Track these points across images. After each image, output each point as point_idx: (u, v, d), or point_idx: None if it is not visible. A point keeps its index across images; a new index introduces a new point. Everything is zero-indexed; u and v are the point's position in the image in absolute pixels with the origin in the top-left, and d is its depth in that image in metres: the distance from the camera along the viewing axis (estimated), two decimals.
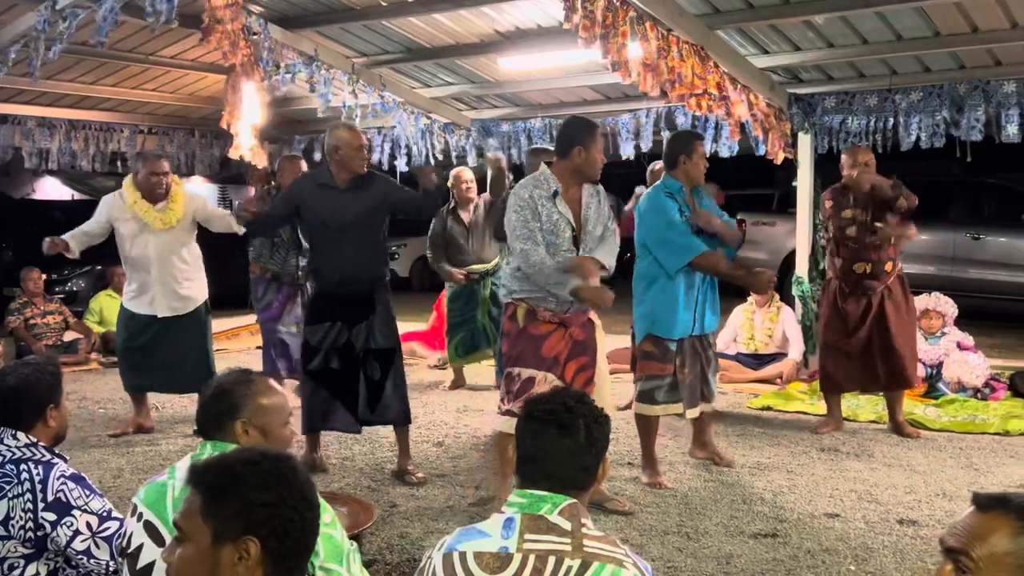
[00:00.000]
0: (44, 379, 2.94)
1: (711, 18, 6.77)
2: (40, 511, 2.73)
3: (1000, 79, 7.29)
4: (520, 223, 4.38)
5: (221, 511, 1.72)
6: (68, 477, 2.81)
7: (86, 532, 2.76)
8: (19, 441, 2.86)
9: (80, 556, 2.76)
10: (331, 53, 8.35)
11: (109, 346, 9.24)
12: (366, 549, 3.96)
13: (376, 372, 5.16)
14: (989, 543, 1.61)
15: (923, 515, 4.59)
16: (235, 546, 1.71)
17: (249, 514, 1.72)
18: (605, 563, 1.93)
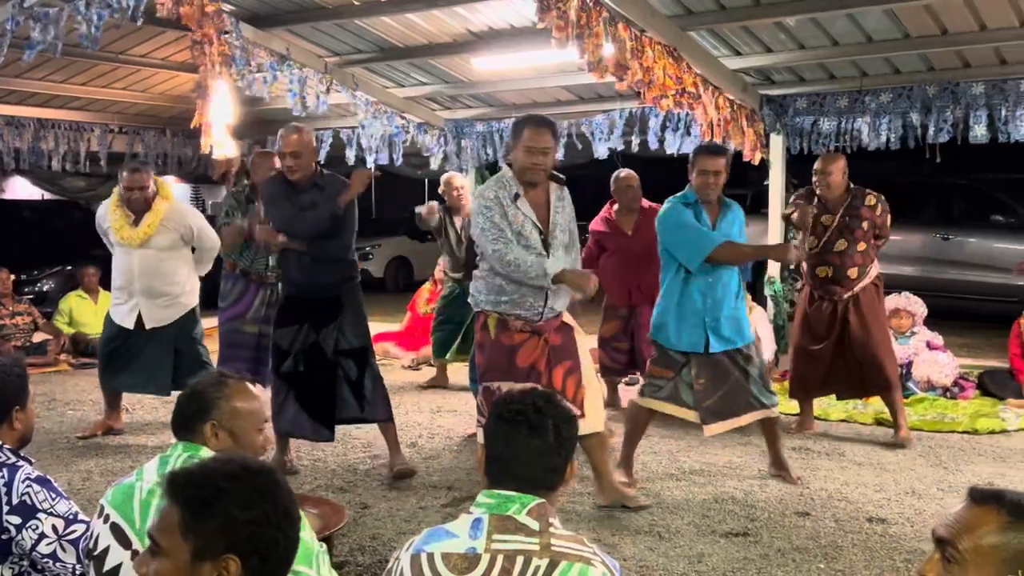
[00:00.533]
0: (10, 380, 2.91)
1: (684, 19, 6.80)
2: (5, 514, 2.70)
3: (969, 80, 7.37)
4: (489, 224, 4.33)
5: (202, 528, 1.64)
6: (34, 480, 2.78)
7: (52, 535, 2.73)
8: None
9: (46, 559, 2.73)
10: (303, 52, 8.31)
11: (79, 347, 9.18)
12: (337, 551, 3.95)
13: (353, 372, 5.14)
14: (976, 535, 1.62)
15: (892, 513, 4.64)
16: (215, 564, 1.64)
17: (232, 532, 1.65)
18: (573, 562, 1.93)
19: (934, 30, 6.83)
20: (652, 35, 6.23)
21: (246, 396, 2.57)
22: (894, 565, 3.96)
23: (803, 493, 4.96)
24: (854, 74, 7.82)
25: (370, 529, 4.38)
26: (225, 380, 2.58)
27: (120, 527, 2.30)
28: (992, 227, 10.69)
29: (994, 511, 1.64)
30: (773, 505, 4.76)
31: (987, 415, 6.64)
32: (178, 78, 9.66)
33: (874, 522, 4.50)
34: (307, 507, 2.54)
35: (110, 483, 4.73)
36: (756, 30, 7.14)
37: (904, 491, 5.01)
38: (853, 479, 5.24)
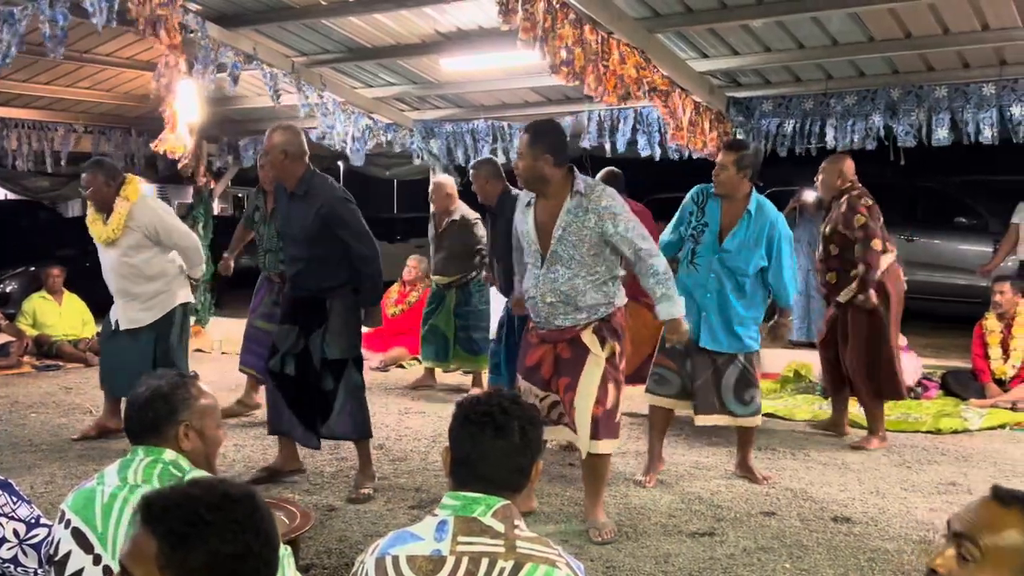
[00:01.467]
0: None
1: (651, 21, 6.83)
2: None
3: (932, 84, 7.46)
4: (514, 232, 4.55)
5: (183, 563, 1.55)
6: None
7: (13, 539, 2.70)
8: None
9: (7, 564, 2.70)
10: (270, 52, 8.27)
11: (42, 349, 9.07)
12: (303, 554, 3.93)
13: (328, 384, 4.97)
14: (1000, 535, 1.63)
15: (856, 512, 4.68)
16: None
17: (214, 567, 1.55)
18: (538, 564, 1.94)
19: (898, 34, 6.90)
20: (619, 37, 6.25)
21: (206, 394, 2.55)
22: (858, 564, 4.00)
23: (768, 493, 5.00)
24: (819, 77, 7.89)
25: (337, 531, 4.36)
26: (186, 379, 2.56)
27: (82, 532, 2.28)
28: (955, 229, 10.82)
29: (1018, 513, 1.65)
30: (739, 505, 4.79)
31: (950, 415, 6.72)
32: (143, 77, 9.55)
33: (839, 521, 4.54)
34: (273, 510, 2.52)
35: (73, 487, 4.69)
36: (723, 33, 7.19)
37: (868, 491, 5.06)
38: (818, 479, 5.28)
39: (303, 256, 5.01)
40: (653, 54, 6.64)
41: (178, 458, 2.41)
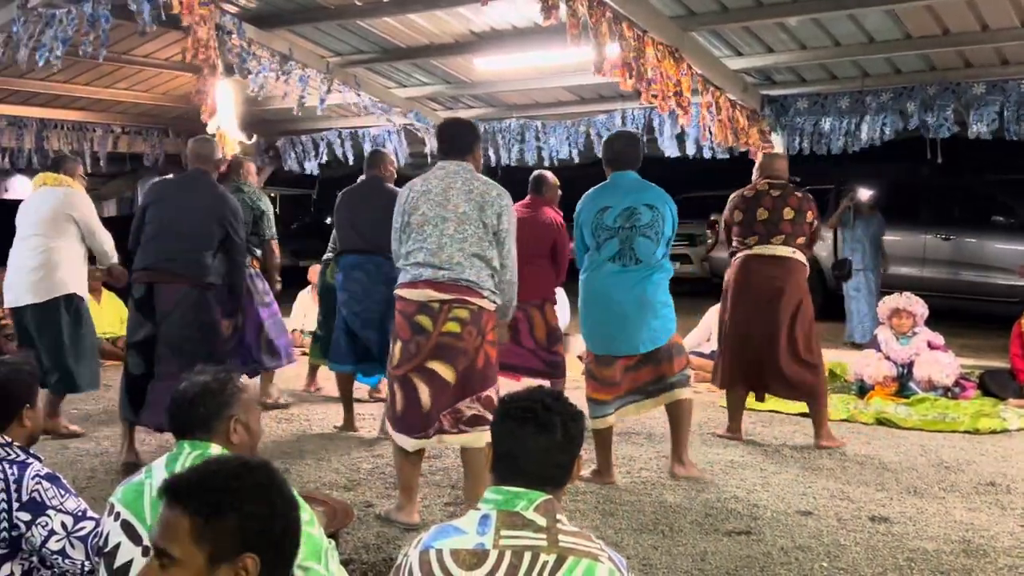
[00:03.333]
0: (21, 378, 2.94)
1: (686, 20, 6.82)
2: (15, 511, 2.72)
3: (970, 80, 7.39)
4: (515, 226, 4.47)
5: (216, 532, 1.65)
6: (43, 477, 2.80)
7: (61, 532, 2.75)
8: None
9: (55, 556, 2.75)
10: (305, 52, 8.33)
11: None
12: (342, 549, 3.96)
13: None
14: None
15: (895, 512, 4.65)
16: (231, 565, 1.65)
17: (245, 531, 1.66)
18: (580, 558, 1.95)
19: (935, 30, 6.85)
20: (654, 35, 6.25)
21: (248, 388, 2.61)
22: (897, 564, 3.97)
23: (805, 492, 4.98)
24: (855, 74, 7.83)
25: (374, 527, 4.39)
26: (232, 375, 2.60)
27: (131, 524, 2.32)
28: (993, 228, 10.71)
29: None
30: (775, 504, 4.78)
31: (988, 415, 6.66)
32: (181, 78, 9.68)
33: (877, 521, 4.52)
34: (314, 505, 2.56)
35: (114, 481, 4.75)
36: (758, 30, 7.16)
37: (906, 490, 5.03)
38: (855, 478, 5.25)
39: None
40: (687, 52, 6.62)
41: (224, 452, 2.45)
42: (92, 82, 9.46)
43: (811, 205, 6.05)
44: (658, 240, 5.04)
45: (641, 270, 5.03)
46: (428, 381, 4.28)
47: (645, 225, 5.03)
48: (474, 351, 4.30)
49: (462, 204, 4.29)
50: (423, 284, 4.30)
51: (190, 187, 5.53)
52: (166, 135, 11.04)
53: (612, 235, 5.07)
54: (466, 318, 4.26)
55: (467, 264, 4.26)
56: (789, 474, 5.32)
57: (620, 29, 5.85)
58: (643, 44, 6.12)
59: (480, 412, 4.31)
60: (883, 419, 6.62)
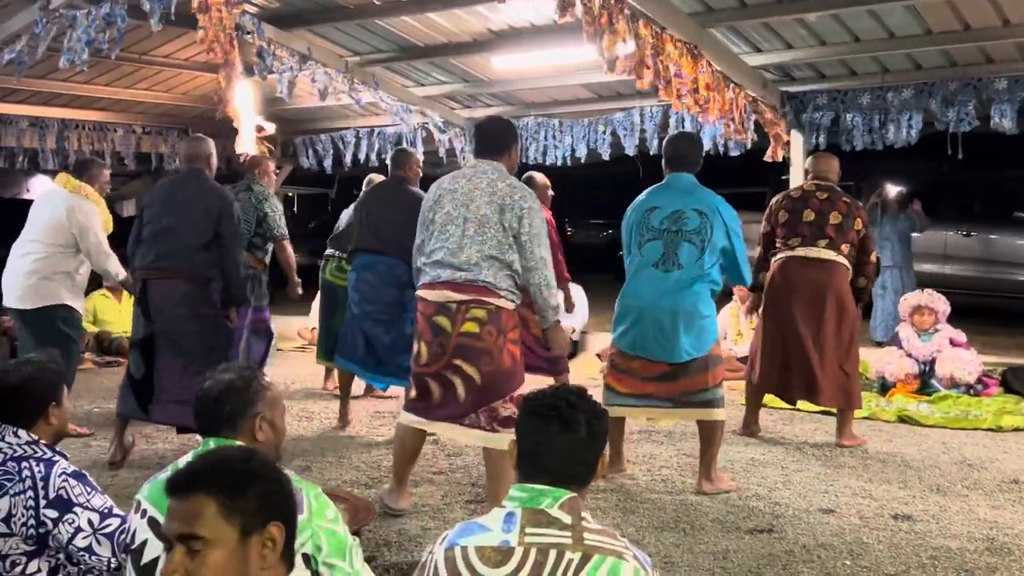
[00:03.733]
0: (46, 377, 2.96)
1: (704, 16, 6.80)
2: (42, 508, 2.74)
3: (991, 76, 7.34)
4: (545, 228, 4.37)
5: (243, 505, 1.74)
6: (69, 474, 2.82)
7: (87, 529, 2.77)
8: (20, 439, 2.87)
9: (82, 553, 2.77)
10: (324, 52, 8.35)
11: (103, 345, 9.25)
12: (364, 546, 3.97)
13: None
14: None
15: (917, 510, 4.63)
16: (260, 536, 1.74)
17: (267, 501, 1.77)
18: (606, 556, 1.95)
19: (956, 26, 6.80)
20: (672, 32, 6.23)
21: (274, 385, 2.62)
22: (920, 562, 3.95)
23: (827, 490, 4.96)
24: (876, 70, 7.79)
25: (395, 525, 4.40)
26: (256, 371, 2.61)
27: (158, 521, 2.33)
28: (1015, 223, 10.63)
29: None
30: (797, 502, 4.76)
31: (1011, 412, 6.62)
32: (200, 78, 9.72)
33: (899, 519, 4.49)
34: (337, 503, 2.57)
35: (138, 479, 4.78)
36: (777, 26, 7.13)
37: (929, 488, 5.00)
38: (877, 476, 5.23)
39: None
40: (706, 49, 6.60)
41: None
42: (112, 83, 9.52)
43: (860, 212, 5.95)
44: (703, 247, 4.86)
45: (682, 276, 4.86)
46: (460, 376, 4.29)
47: (691, 231, 4.88)
48: (497, 351, 4.27)
49: (484, 206, 4.27)
50: (441, 285, 4.30)
51: (183, 185, 5.57)
52: (186, 135, 11.06)
53: (656, 237, 4.95)
54: (483, 318, 4.25)
55: (485, 265, 4.25)
56: (811, 472, 5.31)
57: (636, 27, 5.83)
58: (661, 41, 6.11)
59: (513, 412, 4.26)
60: (905, 417, 6.59)
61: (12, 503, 2.74)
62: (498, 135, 4.52)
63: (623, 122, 9.00)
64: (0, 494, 2.75)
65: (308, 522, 2.34)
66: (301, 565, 2.31)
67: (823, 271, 5.86)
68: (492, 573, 1.97)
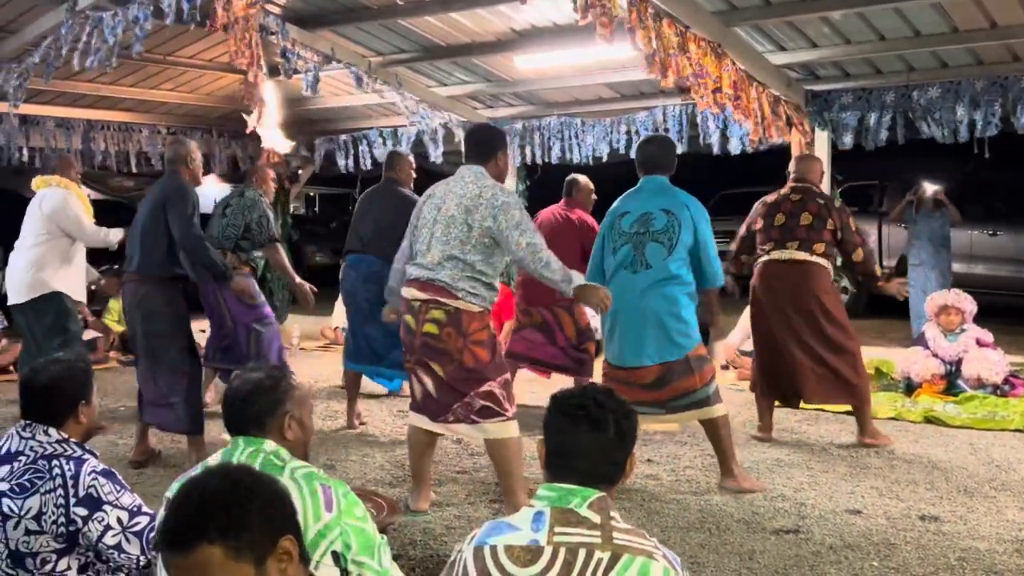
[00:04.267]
0: (76, 376, 2.98)
1: (728, 15, 6.76)
2: (72, 506, 2.75)
3: (1018, 74, 7.26)
4: (526, 217, 4.35)
5: (252, 537, 1.65)
6: (99, 473, 2.83)
7: (117, 527, 2.78)
8: (51, 437, 2.88)
9: (111, 551, 2.78)
10: (348, 52, 8.37)
11: (127, 345, 9.30)
12: (390, 544, 3.97)
13: None
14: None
15: (945, 511, 4.59)
16: (275, 556, 1.68)
17: (270, 520, 1.69)
18: (635, 555, 1.94)
19: (983, 24, 6.73)
20: (696, 31, 6.20)
21: (301, 385, 2.62)
22: (948, 563, 3.91)
23: (853, 491, 4.92)
24: (901, 68, 7.73)
25: (420, 524, 4.40)
26: (284, 371, 2.62)
27: None
28: None
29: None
30: (823, 503, 4.73)
31: None
32: (224, 79, 9.76)
33: (927, 520, 4.46)
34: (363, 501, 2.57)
35: (164, 477, 4.81)
36: (801, 25, 7.08)
37: (956, 489, 4.96)
38: (903, 477, 5.19)
39: None
40: (730, 48, 6.57)
41: (278, 449, 2.47)
42: (138, 83, 9.57)
43: (834, 213, 5.85)
44: (670, 246, 4.83)
45: (651, 276, 4.83)
46: (429, 374, 4.41)
47: (659, 231, 4.87)
48: (457, 352, 4.30)
49: (452, 207, 4.35)
50: (410, 283, 4.43)
51: (155, 188, 5.71)
52: (210, 135, 11.14)
53: (626, 241, 4.95)
54: (442, 319, 4.31)
55: (447, 265, 4.30)
56: (836, 473, 5.27)
57: (660, 26, 5.80)
58: (685, 40, 6.08)
59: (486, 405, 4.34)
60: (931, 417, 6.54)
61: (42, 501, 2.76)
62: (484, 141, 4.58)
63: (645, 122, 8.96)
64: (31, 492, 2.77)
65: (337, 520, 2.34)
66: (330, 563, 2.32)
67: (798, 272, 5.79)
68: (521, 572, 1.96)
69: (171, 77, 9.61)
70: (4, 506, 2.77)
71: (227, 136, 11.14)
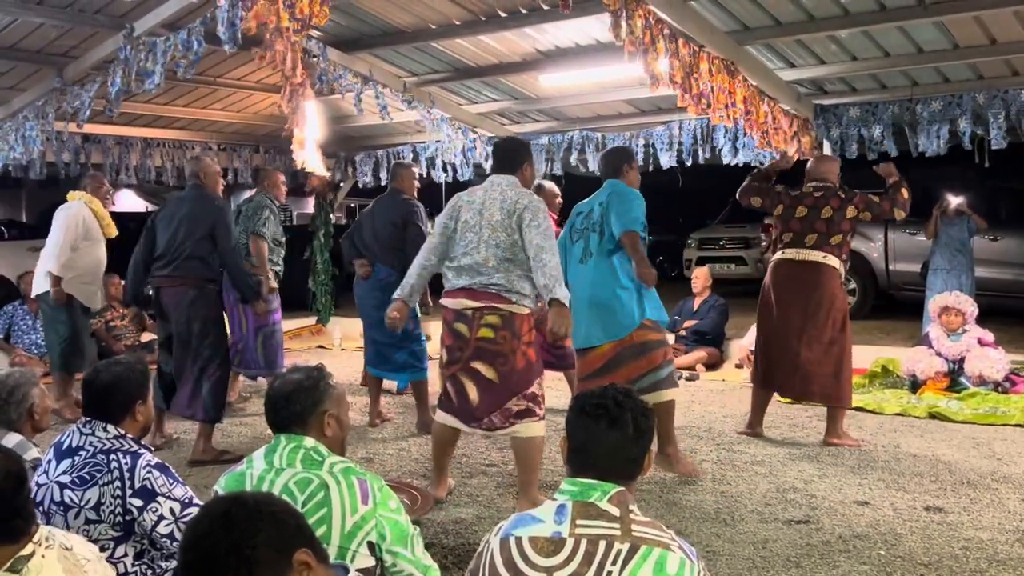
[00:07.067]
0: (134, 376, 3.01)
1: (740, 35, 6.72)
2: (128, 497, 2.78)
3: (1018, 88, 7.16)
4: (547, 224, 4.32)
5: (267, 568, 1.60)
6: (154, 466, 2.85)
7: (170, 517, 2.80)
8: (109, 433, 2.91)
9: (164, 539, 2.80)
10: (384, 73, 8.40)
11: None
12: (423, 534, 3.97)
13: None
14: None
15: (949, 503, 4.53)
16: (294, 570, 1.63)
17: (280, 542, 1.63)
18: (653, 547, 1.93)
19: (983, 40, 6.65)
20: (711, 50, 6.17)
21: (338, 383, 2.62)
22: (952, 552, 3.86)
23: (861, 483, 4.87)
24: (905, 83, 7.64)
25: (452, 514, 4.40)
26: (323, 371, 2.62)
27: None
28: None
29: None
30: (833, 494, 4.68)
31: None
32: (270, 99, 9.81)
33: (931, 511, 4.40)
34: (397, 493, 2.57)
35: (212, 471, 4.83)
36: (810, 43, 7.02)
37: (959, 482, 4.89)
38: (909, 469, 5.13)
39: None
40: (742, 65, 6.53)
41: (317, 445, 2.47)
42: (190, 104, 9.64)
43: (856, 201, 5.77)
44: (601, 232, 4.97)
45: (593, 263, 4.99)
46: (474, 379, 4.38)
47: (596, 222, 5.03)
48: (511, 353, 4.33)
49: (496, 213, 4.35)
50: (459, 293, 4.39)
51: (186, 200, 5.78)
52: (256, 151, 11.21)
53: (580, 236, 5.11)
54: (497, 323, 4.32)
55: (501, 268, 4.30)
56: (845, 466, 5.22)
57: (675, 47, 5.76)
58: (698, 59, 6.04)
59: (527, 406, 4.36)
60: (935, 413, 6.46)
61: (101, 492, 2.78)
62: (512, 153, 4.61)
63: (662, 135, 8.92)
64: (90, 484, 2.79)
65: (372, 512, 2.34)
66: (367, 553, 2.32)
67: (811, 272, 5.71)
68: (545, 562, 1.95)
69: (220, 98, 9.68)
70: (66, 497, 2.79)
71: (273, 152, 11.21)
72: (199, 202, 5.65)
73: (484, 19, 7.33)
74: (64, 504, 2.79)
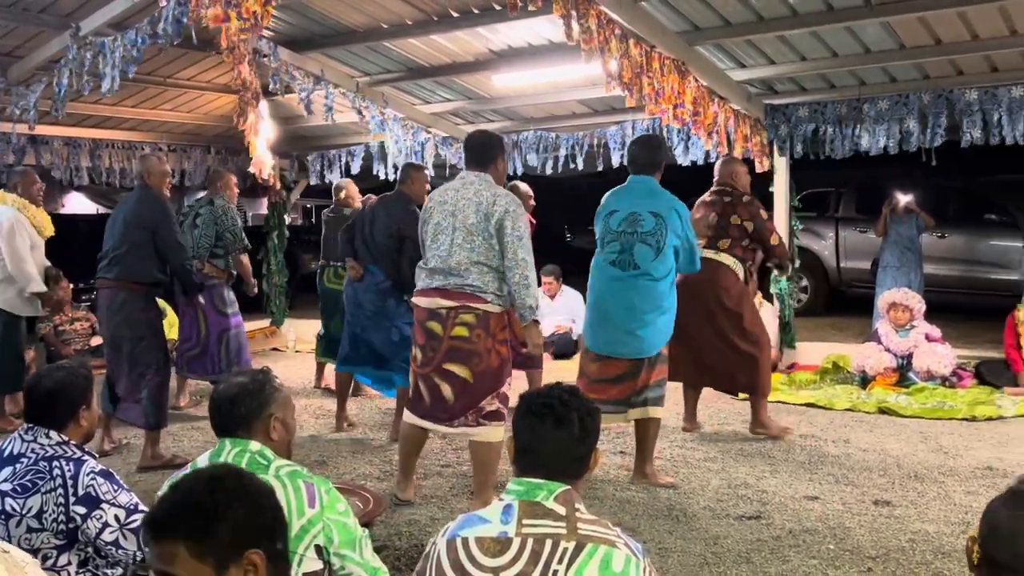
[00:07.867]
0: (77, 381, 2.96)
1: (691, 35, 6.78)
2: (71, 505, 2.73)
3: (962, 88, 7.29)
4: (527, 233, 4.32)
5: (216, 543, 1.63)
6: (98, 473, 2.81)
7: (114, 524, 2.76)
8: (52, 439, 2.86)
9: (109, 546, 2.76)
10: (336, 73, 8.34)
11: None
12: (376, 535, 3.96)
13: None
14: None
15: (897, 496, 4.60)
16: (239, 566, 1.64)
17: (240, 534, 1.65)
18: (599, 544, 1.94)
19: (928, 40, 6.76)
20: (661, 50, 6.21)
21: (282, 386, 2.60)
22: (900, 545, 3.93)
23: (811, 478, 4.94)
24: (853, 83, 7.75)
25: (406, 515, 4.39)
26: (268, 375, 2.60)
27: None
28: (986, 226, 10.60)
29: None
30: (783, 490, 4.74)
31: (985, 403, 6.58)
32: (221, 99, 9.70)
33: (880, 505, 4.47)
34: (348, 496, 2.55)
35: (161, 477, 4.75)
36: (760, 43, 7.09)
37: (907, 475, 4.98)
38: (858, 464, 5.21)
39: None
40: (693, 65, 6.58)
41: (263, 449, 2.45)
42: (139, 104, 9.49)
43: (741, 208, 5.80)
44: (658, 249, 4.80)
45: (637, 275, 4.81)
46: (448, 380, 4.34)
47: (647, 232, 4.82)
48: (486, 352, 4.31)
49: (471, 215, 4.28)
50: (432, 292, 4.35)
51: (129, 200, 5.71)
52: (208, 152, 11.07)
53: (615, 238, 4.91)
54: (472, 322, 4.29)
55: (474, 270, 4.26)
56: (796, 461, 5.28)
57: (626, 46, 5.79)
58: (649, 59, 6.08)
59: (498, 407, 4.36)
60: (885, 408, 6.57)
61: (43, 500, 2.73)
62: (484, 147, 4.50)
63: (615, 135, 8.96)
64: (32, 492, 2.74)
65: (320, 515, 2.33)
66: (314, 556, 2.30)
67: (705, 269, 5.54)
68: (491, 563, 1.95)
69: (170, 98, 9.54)
70: (7, 505, 2.74)
71: (224, 153, 11.08)
72: (143, 203, 5.56)
73: (436, 19, 7.31)
74: (5, 513, 2.74)
